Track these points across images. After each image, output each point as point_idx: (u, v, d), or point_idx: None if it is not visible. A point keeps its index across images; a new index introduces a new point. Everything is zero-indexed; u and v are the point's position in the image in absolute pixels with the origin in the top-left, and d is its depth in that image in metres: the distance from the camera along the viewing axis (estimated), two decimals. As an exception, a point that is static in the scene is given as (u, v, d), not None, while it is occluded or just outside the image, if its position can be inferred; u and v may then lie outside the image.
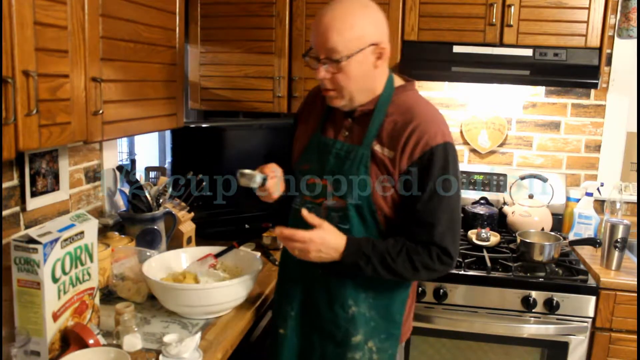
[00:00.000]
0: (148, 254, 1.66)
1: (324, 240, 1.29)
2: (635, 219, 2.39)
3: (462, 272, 1.99)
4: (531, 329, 1.95)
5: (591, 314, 1.94)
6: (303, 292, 1.45)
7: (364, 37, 1.27)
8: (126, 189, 1.92)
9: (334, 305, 1.39)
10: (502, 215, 2.42)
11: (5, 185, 1.50)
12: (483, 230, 2.23)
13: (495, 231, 2.29)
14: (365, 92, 1.35)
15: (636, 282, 1.90)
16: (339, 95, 1.34)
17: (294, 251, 1.31)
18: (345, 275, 1.37)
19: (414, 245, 1.31)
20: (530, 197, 2.42)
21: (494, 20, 2.11)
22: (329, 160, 1.39)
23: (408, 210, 1.32)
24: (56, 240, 1.23)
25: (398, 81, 1.42)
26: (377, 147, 1.33)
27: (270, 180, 1.44)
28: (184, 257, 1.69)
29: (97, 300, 1.41)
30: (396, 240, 1.32)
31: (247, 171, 1.43)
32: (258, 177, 1.41)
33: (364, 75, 1.32)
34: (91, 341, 1.23)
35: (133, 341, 1.29)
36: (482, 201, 2.47)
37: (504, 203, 2.47)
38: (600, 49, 2.09)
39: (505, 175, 2.52)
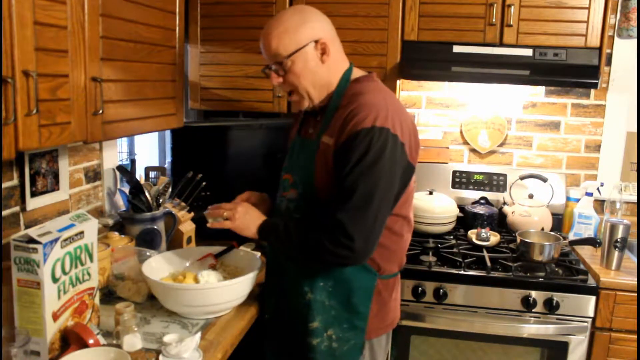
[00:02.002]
0: (148, 254, 1.66)
1: (247, 210, 1.47)
2: (635, 219, 2.39)
3: (462, 272, 1.99)
4: (531, 328, 1.95)
5: (591, 313, 1.94)
6: (278, 282, 1.57)
7: (300, 37, 1.39)
8: (126, 189, 1.92)
9: (294, 292, 1.48)
10: (502, 215, 2.42)
11: (5, 185, 1.50)
12: (483, 230, 2.23)
13: (495, 231, 2.30)
14: (320, 88, 1.45)
15: (636, 282, 1.90)
16: (299, 97, 1.46)
17: (223, 214, 1.47)
18: (304, 264, 1.46)
19: (319, 224, 1.35)
20: (530, 197, 2.42)
21: (494, 20, 2.11)
22: (292, 156, 1.54)
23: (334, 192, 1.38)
24: (56, 240, 1.23)
25: (357, 74, 1.49)
26: (324, 139, 1.41)
27: None
28: (184, 257, 1.70)
29: (97, 300, 1.41)
30: (309, 221, 1.40)
31: (209, 211, 1.57)
32: (221, 218, 1.54)
33: (312, 71, 1.42)
34: (91, 341, 1.23)
35: (133, 341, 1.29)
36: (482, 201, 2.47)
37: (504, 203, 2.47)
38: (600, 49, 2.09)
39: (505, 175, 2.52)
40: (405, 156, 1.37)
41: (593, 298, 1.92)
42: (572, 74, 2.08)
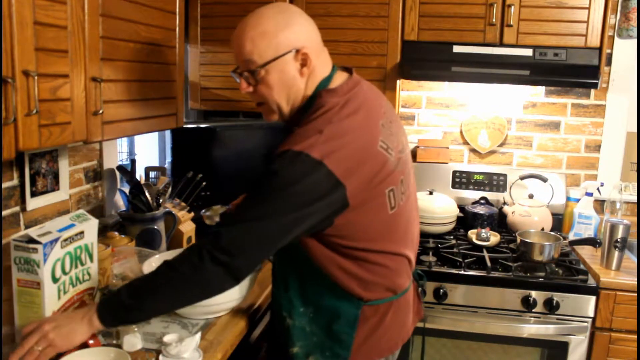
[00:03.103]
0: (148, 254, 1.66)
1: (56, 320, 1.18)
2: (635, 219, 2.39)
3: (462, 272, 1.99)
4: (531, 328, 1.95)
5: (591, 314, 1.94)
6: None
7: (279, 44, 1.20)
8: (126, 189, 1.92)
9: (274, 315, 1.39)
10: (502, 215, 2.42)
11: (5, 185, 1.50)
12: (483, 230, 2.23)
13: (495, 231, 2.30)
14: (293, 103, 1.27)
15: (636, 282, 1.90)
16: (269, 109, 1.29)
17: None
18: (281, 288, 1.35)
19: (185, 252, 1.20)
20: (531, 197, 2.42)
21: (494, 20, 2.11)
22: None
23: None
24: (56, 240, 1.23)
25: (337, 80, 1.29)
26: None
27: None
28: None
29: (97, 300, 1.41)
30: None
31: (208, 213, 1.55)
32: (217, 217, 1.51)
33: (288, 85, 1.24)
34: (91, 341, 1.23)
35: (133, 341, 1.29)
36: (482, 201, 2.47)
37: (504, 203, 2.47)
38: (600, 49, 2.09)
39: (505, 175, 2.52)
40: (328, 187, 1.14)
41: (593, 298, 1.92)
42: (572, 74, 2.08)
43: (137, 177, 1.92)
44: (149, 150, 2.92)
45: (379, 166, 1.21)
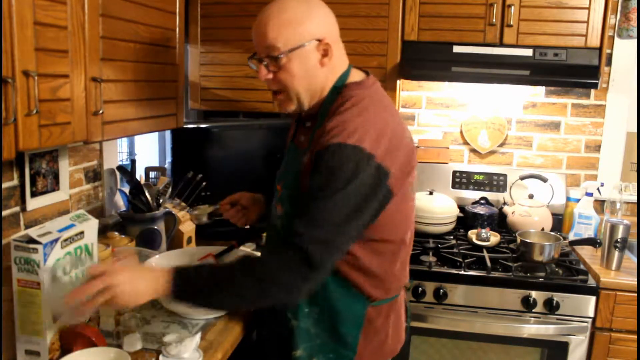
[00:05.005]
0: (148, 254, 1.66)
1: (131, 270, 1.16)
2: (635, 219, 2.39)
3: (462, 272, 1.99)
4: (531, 329, 1.95)
5: (591, 314, 1.94)
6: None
7: (303, 32, 1.21)
8: (126, 189, 1.92)
9: (278, 317, 1.37)
10: (502, 215, 2.42)
11: (5, 185, 1.50)
12: (483, 230, 2.23)
13: (495, 231, 2.30)
14: (312, 94, 1.28)
15: (636, 282, 1.90)
16: (287, 98, 1.29)
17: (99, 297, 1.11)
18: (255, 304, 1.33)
19: (263, 255, 1.21)
20: (531, 197, 2.42)
21: (494, 20, 2.11)
22: (285, 163, 1.41)
23: None
24: (56, 240, 1.23)
25: (354, 77, 1.32)
26: (304, 158, 1.26)
27: (226, 213, 1.58)
28: (184, 257, 1.69)
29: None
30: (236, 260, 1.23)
31: (195, 212, 1.58)
32: (204, 217, 1.53)
33: (309, 74, 1.25)
34: (92, 339, 1.23)
35: (133, 341, 1.29)
36: (482, 201, 2.47)
37: (504, 203, 2.47)
38: (600, 49, 2.09)
39: (505, 175, 2.52)
40: (379, 180, 1.18)
41: (593, 298, 1.92)
42: (572, 74, 2.08)
43: (137, 177, 1.92)
44: (149, 150, 2.92)
45: (410, 155, 1.27)
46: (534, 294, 1.94)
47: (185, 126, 1.97)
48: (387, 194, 1.21)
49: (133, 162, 1.99)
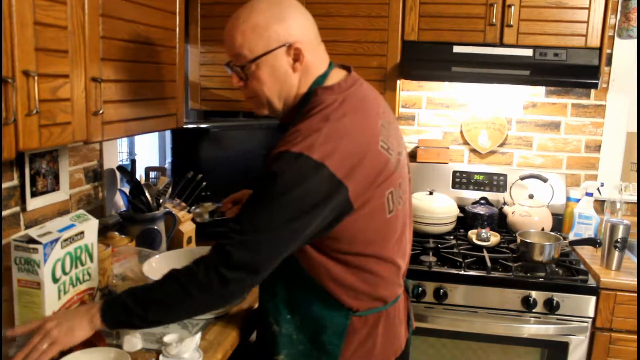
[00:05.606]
0: (148, 254, 1.66)
1: (60, 316, 1.18)
2: (635, 219, 2.39)
3: (462, 272, 1.99)
4: (531, 329, 1.95)
5: (591, 314, 1.94)
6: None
7: (271, 37, 1.16)
8: (126, 189, 1.92)
9: (260, 320, 1.35)
10: (502, 215, 2.42)
11: (5, 185, 1.50)
12: (483, 230, 2.23)
13: (495, 231, 2.30)
14: (286, 99, 1.23)
15: (636, 282, 1.90)
16: (259, 103, 1.26)
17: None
18: (268, 293, 1.31)
19: (192, 264, 1.17)
20: (531, 197, 2.42)
21: (494, 20, 2.11)
22: None
23: None
24: (56, 240, 1.23)
25: (334, 78, 1.24)
26: None
27: (229, 212, 1.62)
28: (184, 257, 1.69)
29: (97, 300, 1.41)
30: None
31: (198, 210, 1.61)
32: (206, 215, 1.58)
33: (279, 80, 1.20)
34: (92, 339, 1.23)
35: (133, 341, 1.29)
36: (482, 201, 2.47)
37: (504, 203, 2.47)
38: (600, 49, 2.09)
39: (505, 175, 2.52)
40: (331, 190, 1.10)
41: (593, 298, 1.92)
42: (572, 74, 2.08)
43: (137, 177, 1.92)
44: (149, 150, 2.92)
45: (380, 166, 1.18)
46: (534, 294, 1.94)
47: (185, 126, 1.97)
48: (345, 206, 1.13)
49: (133, 162, 1.99)
